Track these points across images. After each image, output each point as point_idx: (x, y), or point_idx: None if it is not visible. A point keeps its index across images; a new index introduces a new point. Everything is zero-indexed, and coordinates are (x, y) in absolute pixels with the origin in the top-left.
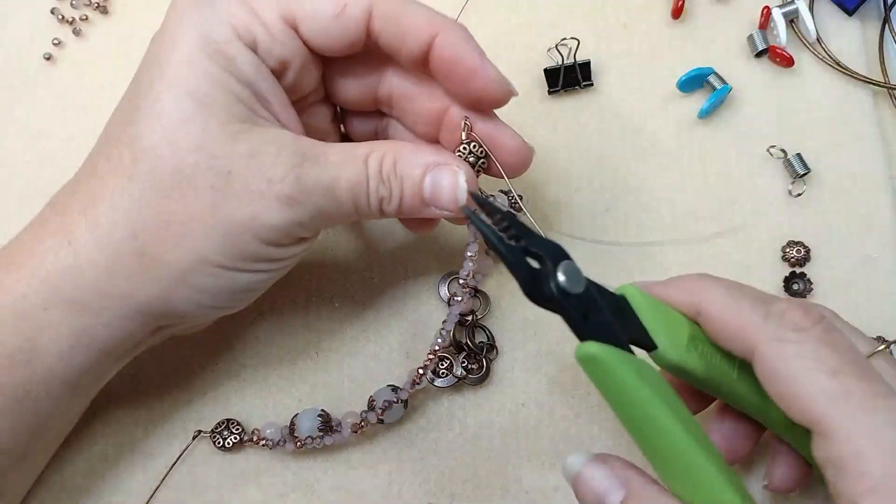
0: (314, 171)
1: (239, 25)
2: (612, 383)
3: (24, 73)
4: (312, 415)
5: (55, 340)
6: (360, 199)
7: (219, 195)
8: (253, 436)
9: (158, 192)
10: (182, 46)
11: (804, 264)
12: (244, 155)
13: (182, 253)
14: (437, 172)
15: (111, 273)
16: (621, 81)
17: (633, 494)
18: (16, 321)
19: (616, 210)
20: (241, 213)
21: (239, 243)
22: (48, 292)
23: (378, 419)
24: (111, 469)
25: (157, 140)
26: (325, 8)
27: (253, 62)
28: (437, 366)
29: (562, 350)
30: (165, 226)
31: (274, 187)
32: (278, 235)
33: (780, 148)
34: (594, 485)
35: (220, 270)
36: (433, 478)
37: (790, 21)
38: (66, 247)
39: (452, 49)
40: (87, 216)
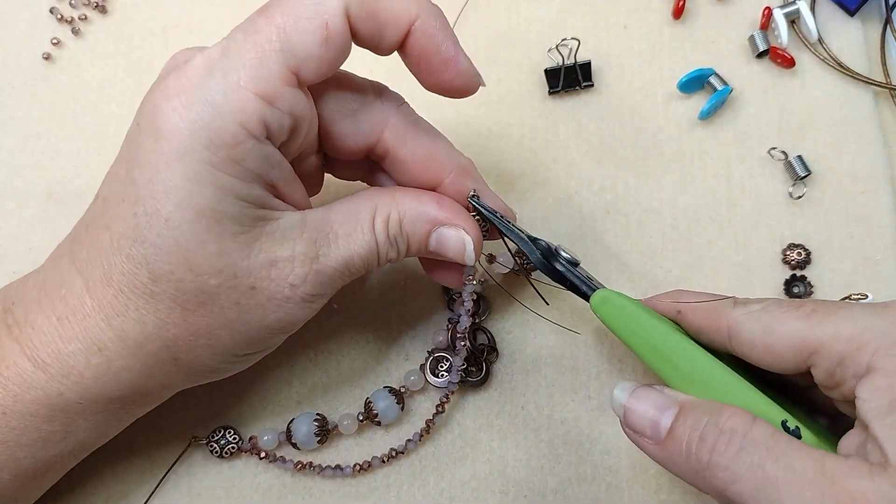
0: (329, 260)
1: (247, 121)
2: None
3: (23, 72)
4: (308, 419)
5: (90, 423)
6: (372, 264)
7: (244, 309)
8: (251, 445)
9: (184, 310)
10: (185, 160)
11: (805, 267)
12: (263, 266)
13: (213, 354)
14: (443, 234)
15: (147, 375)
16: (621, 82)
17: (685, 408)
18: (50, 412)
19: (616, 211)
20: (268, 320)
21: (264, 339)
22: (83, 392)
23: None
24: (111, 471)
25: (174, 265)
26: (314, 40)
27: (261, 155)
28: (437, 367)
29: (561, 352)
30: (195, 337)
31: (297, 291)
32: (301, 324)
33: (781, 150)
34: (645, 408)
35: (245, 357)
36: (432, 480)
37: (791, 21)
38: (97, 354)
39: (428, 38)
40: (112, 327)
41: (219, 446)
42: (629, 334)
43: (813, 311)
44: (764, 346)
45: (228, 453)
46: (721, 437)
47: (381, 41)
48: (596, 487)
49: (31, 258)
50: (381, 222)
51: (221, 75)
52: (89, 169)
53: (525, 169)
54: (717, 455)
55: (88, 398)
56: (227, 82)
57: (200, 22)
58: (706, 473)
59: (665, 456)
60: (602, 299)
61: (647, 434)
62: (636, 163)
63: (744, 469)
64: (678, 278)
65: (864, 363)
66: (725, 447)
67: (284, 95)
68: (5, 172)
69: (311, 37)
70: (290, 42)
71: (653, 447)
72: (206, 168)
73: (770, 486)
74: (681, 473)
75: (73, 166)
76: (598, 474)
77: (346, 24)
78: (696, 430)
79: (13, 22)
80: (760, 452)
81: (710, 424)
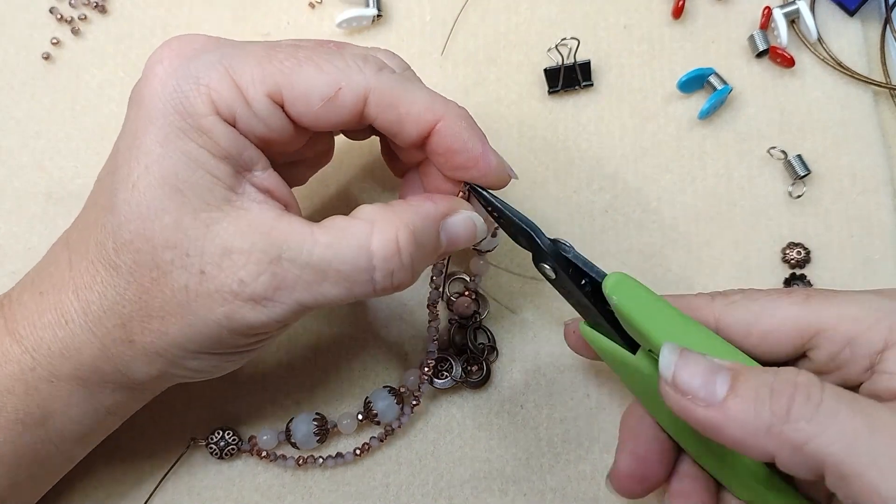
0: (294, 267)
1: (217, 99)
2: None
3: (22, 72)
4: (308, 419)
5: (65, 406)
6: (362, 288)
7: (192, 295)
8: (250, 446)
9: (140, 286)
10: (158, 122)
11: (804, 266)
12: (216, 254)
13: (167, 344)
14: (451, 223)
15: (105, 355)
16: (621, 81)
17: (740, 370)
18: (26, 390)
19: (615, 211)
20: (215, 314)
21: (218, 338)
22: (52, 367)
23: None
24: (111, 471)
25: (134, 234)
26: (318, 90)
27: (231, 136)
28: (438, 368)
29: (560, 351)
30: (148, 319)
31: (247, 289)
32: (256, 331)
33: (781, 149)
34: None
35: (206, 356)
36: (431, 480)
37: (791, 21)
38: (64, 327)
39: (454, 138)
40: (79, 299)
41: (218, 447)
42: (644, 318)
43: (808, 297)
44: (760, 332)
45: (228, 454)
46: (799, 389)
47: (399, 133)
48: (595, 486)
49: (30, 258)
50: (383, 241)
51: (217, 57)
52: (88, 169)
53: (525, 169)
54: (797, 407)
55: (58, 376)
56: (216, 60)
57: (200, 22)
58: (784, 427)
59: (720, 417)
60: (618, 281)
61: (701, 396)
62: (636, 162)
63: (831, 421)
64: (678, 278)
65: (881, 340)
66: (806, 400)
67: (263, 103)
68: (4, 172)
69: (317, 88)
70: (296, 77)
71: (704, 410)
72: (175, 132)
73: (860, 438)
74: (738, 435)
75: (72, 166)
76: (597, 473)
77: (358, 103)
78: (766, 386)
79: (13, 22)
80: (844, 406)
81: (782, 380)
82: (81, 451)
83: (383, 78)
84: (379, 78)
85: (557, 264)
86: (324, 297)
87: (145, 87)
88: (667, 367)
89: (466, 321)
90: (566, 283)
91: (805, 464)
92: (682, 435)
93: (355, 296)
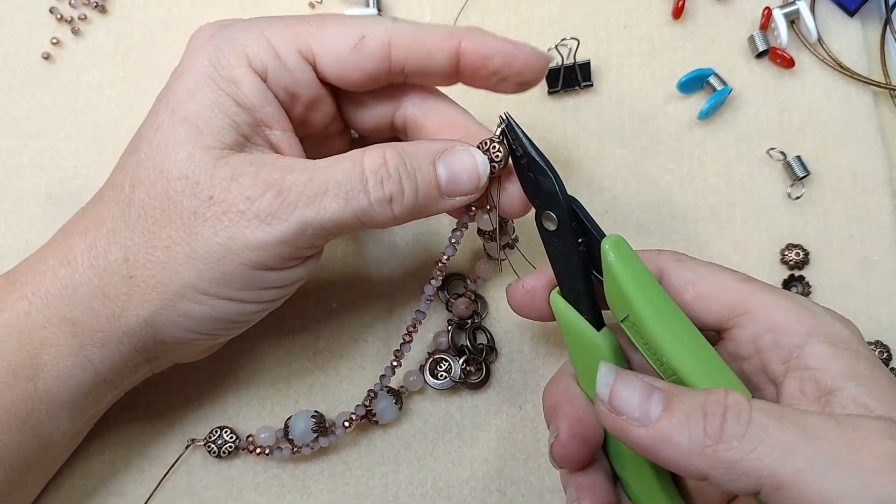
0: (298, 181)
1: (251, 53)
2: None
3: (22, 72)
4: (306, 416)
5: (54, 359)
6: (358, 201)
7: (200, 220)
8: (248, 443)
9: (149, 217)
10: (190, 74)
11: (803, 267)
12: (225, 178)
13: (167, 278)
14: (450, 156)
15: (102, 293)
16: (621, 82)
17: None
18: (19, 337)
19: (615, 211)
20: (221, 236)
21: (222, 268)
22: (47, 310)
23: (367, 410)
24: (109, 472)
25: (150, 168)
26: (343, 41)
27: (258, 87)
28: (436, 368)
29: (559, 351)
30: (153, 250)
31: (253, 206)
32: (262, 257)
33: (780, 150)
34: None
35: (206, 298)
36: (430, 480)
37: (791, 22)
38: (66, 266)
39: (483, 46)
40: (86, 237)
41: (216, 446)
42: (630, 281)
43: (749, 279)
44: (696, 293)
45: (226, 452)
46: (729, 409)
47: (432, 66)
48: None
49: None
50: (374, 156)
51: (250, 21)
52: (88, 169)
53: None
54: (729, 426)
55: (51, 319)
56: (251, 25)
57: (200, 22)
58: (718, 447)
59: (655, 437)
60: (617, 242)
61: (636, 416)
62: (635, 163)
63: (762, 436)
64: None
65: (804, 334)
66: (736, 419)
67: (294, 58)
68: (4, 172)
69: (343, 38)
70: (323, 33)
71: (639, 430)
72: (205, 80)
73: (794, 448)
74: (673, 455)
75: (72, 166)
76: None
77: (383, 49)
78: (699, 407)
79: (13, 22)
80: (773, 419)
81: (713, 401)
82: (71, 422)
83: (400, 23)
84: (396, 24)
85: (564, 215)
86: (325, 211)
87: (186, 51)
88: (604, 387)
89: (465, 322)
90: (564, 237)
91: (740, 480)
92: None
93: (354, 211)
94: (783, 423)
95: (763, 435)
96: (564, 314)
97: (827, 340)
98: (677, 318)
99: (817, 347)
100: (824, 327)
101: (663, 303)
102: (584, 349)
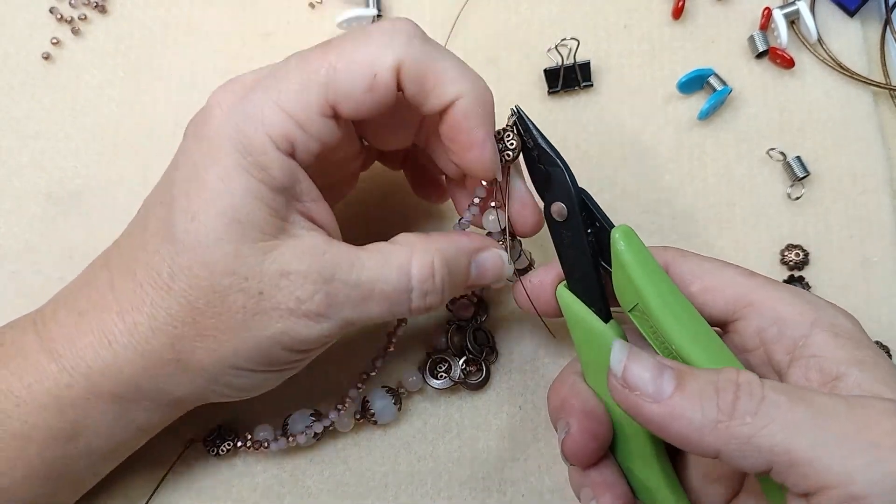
0: (346, 285)
1: (274, 133)
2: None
3: (22, 72)
4: (305, 415)
5: (97, 423)
6: (400, 306)
7: (250, 314)
8: (247, 441)
9: (194, 308)
10: (221, 161)
11: (803, 268)
12: (274, 275)
13: (215, 360)
14: (482, 257)
15: (149, 374)
16: (621, 82)
17: (684, 368)
18: (60, 406)
19: (614, 211)
20: (272, 330)
21: (269, 353)
22: (90, 386)
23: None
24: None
25: (193, 261)
26: (358, 85)
27: (289, 168)
28: (435, 369)
29: (558, 352)
30: (200, 338)
31: (303, 306)
32: (306, 346)
33: (780, 151)
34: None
35: (250, 373)
36: (430, 480)
37: (791, 22)
38: (107, 347)
39: (465, 117)
40: (125, 320)
41: (215, 445)
42: (640, 271)
43: (753, 274)
44: (702, 285)
45: (224, 451)
46: (742, 387)
47: (423, 103)
48: None
49: (29, 258)
50: (421, 265)
51: (263, 91)
52: (88, 169)
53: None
54: (742, 402)
55: (95, 393)
56: (266, 97)
57: (200, 22)
58: (731, 423)
59: (667, 413)
60: (627, 232)
61: (649, 392)
62: (635, 163)
63: (775, 412)
64: None
65: (808, 324)
66: (749, 395)
67: (316, 124)
68: (4, 172)
69: (357, 82)
70: (335, 81)
71: (651, 406)
72: (236, 170)
73: (806, 425)
74: (684, 431)
75: (72, 166)
76: None
77: (394, 80)
78: (711, 384)
79: (13, 22)
80: (784, 397)
81: (724, 379)
82: (107, 467)
83: (412, 50)
84: (408, 50)
85: (574, 205)
86: (367, 314)
87: (206, 126)
88: (617, 363)
89: (466, 323)
90: (573, 227)
91: (752, 457)
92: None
93: (393, 314)
94: (795, 400)
95: (776, 411)
96: (571, 307)
97: (831, 330)
98: (685, 308)
99: (822, 337)
100: (828, 318)
101: (672, 292)
102: (591, 342)
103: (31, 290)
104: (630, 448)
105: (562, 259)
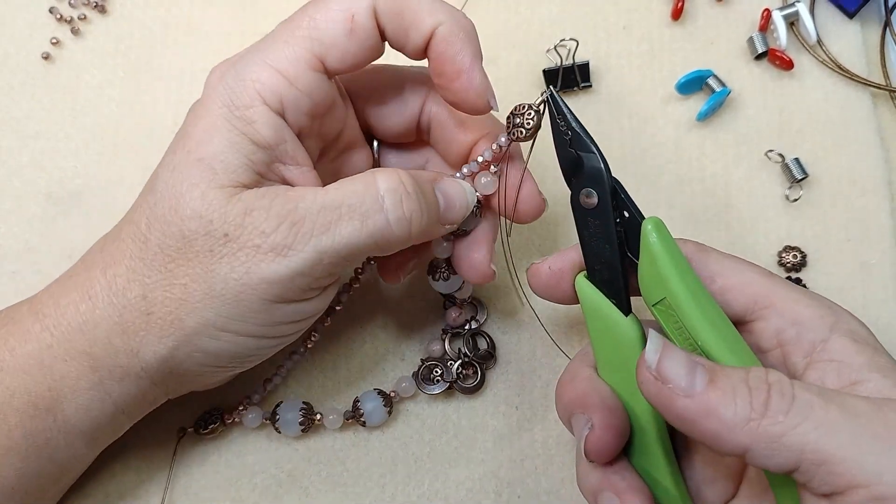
0: (311, 209)
1: (263, 90)
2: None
3: (22, 72)
4: (295, 406)
5: (74, 392)
6: (375, 221)
7: (216, 258)
8: (234, 417)
9: (165, 256)
10: (207, 116)
11: (800, 269)
12: (238, 214)
13: (184, 315)
14: (443, 184)
15: (121, 330)
16: (620, 83)
17: (715, 366)
18: (40, 369)
19: None
20: (237, 272)
21: (239, 304)
22: (68, 344)
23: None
24: (109, 471)
25: (165, 207)
26: (339, 28)
27: (275, 125)
28: (429, 375)
29: (556, 352)
30: (170, 288)
31: (267, 239)
32: (279, 290)
33: (779, 152)
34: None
35: (223, 334)
36: (427, 481)
37: (790, 23)
38: (87, 301)
39: (447, 44)
40: (106, 274)
41: (203, 423)
42: (669, 263)
43: (771, 274)
44: (723, 283)
45: (210, 428)
46: (773, 386)
47: (406, 42)
48: None
49: (29, 258)
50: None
51: (254, 53)
52: (88, 169)
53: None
54: (774, 401)
55: (71, 353)
56: (255, 57)
57: (200, 22)
58: (763, 421)
59: (699, 408)
60: (658, 223)
61: (682, 385)
62: (634, 164)
63: (807, 412)
64: None
65: (827, 328)
66: (780, 395)
67: (305, 77)
68: (4, 172)
69: (337, 27)
70: (318, 30)
71: (684, 400)
72: (221, 121)
73: (837, 425)
74: (715, 427)
75: (71, 166)
76: None
77: (372, 20)
78: (743, 382)
79: (13, 22)
80: (817, 397)
81: (755, 377)
82: (87, 450)
83: None
84: None
85: (606, 193)
86: (341, 236)
87: (202, 94)
88: (653, 353)
89: (460, 330)
90: (602, 216)
91: (780, 455)
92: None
93: (373, 237)
94: (825, 400)
95: (808, 411)
96: (591, 298)
97: (850, 336)
98: (711, 304)
99: (841, 342)
100: (846, 324)
101: (700, 288)
102: (609, 335)
103: (31, 290)
104: (641, 447)
105: (584, 248)
